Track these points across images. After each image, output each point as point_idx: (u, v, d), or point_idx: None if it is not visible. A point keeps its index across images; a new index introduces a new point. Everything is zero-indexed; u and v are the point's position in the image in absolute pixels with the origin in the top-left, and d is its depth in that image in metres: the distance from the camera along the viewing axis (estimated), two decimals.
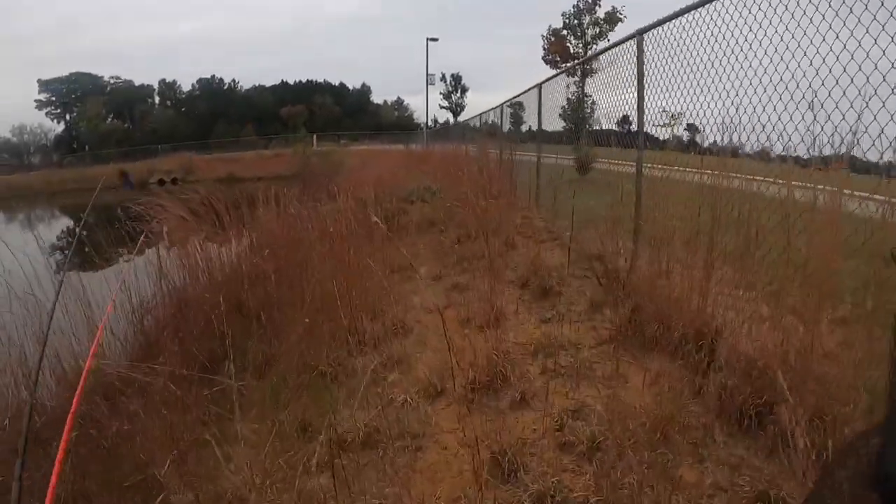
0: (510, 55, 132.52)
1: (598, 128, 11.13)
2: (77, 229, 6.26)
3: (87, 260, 7.92)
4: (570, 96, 14.87)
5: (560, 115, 14.03)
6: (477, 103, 70.91)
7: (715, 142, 5.58)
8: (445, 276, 8.74)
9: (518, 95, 15.84)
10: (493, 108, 18.65)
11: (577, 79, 19.78)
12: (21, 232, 27.03)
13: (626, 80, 7.48)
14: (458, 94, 78.61)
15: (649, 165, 6.90)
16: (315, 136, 65.35)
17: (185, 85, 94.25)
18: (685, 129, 6.69)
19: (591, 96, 12.86)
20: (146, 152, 61.96)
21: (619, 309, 5.72)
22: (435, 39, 53.22)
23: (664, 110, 6.51)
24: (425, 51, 52.32)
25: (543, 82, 13.23)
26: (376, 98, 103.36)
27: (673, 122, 6.55)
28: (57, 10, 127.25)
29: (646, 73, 6.79)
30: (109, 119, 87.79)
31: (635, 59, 6.88)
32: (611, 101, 8.49)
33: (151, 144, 67.78)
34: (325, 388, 5.26)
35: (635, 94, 6.96)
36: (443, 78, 76.11)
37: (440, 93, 76.20)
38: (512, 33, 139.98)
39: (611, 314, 5.86)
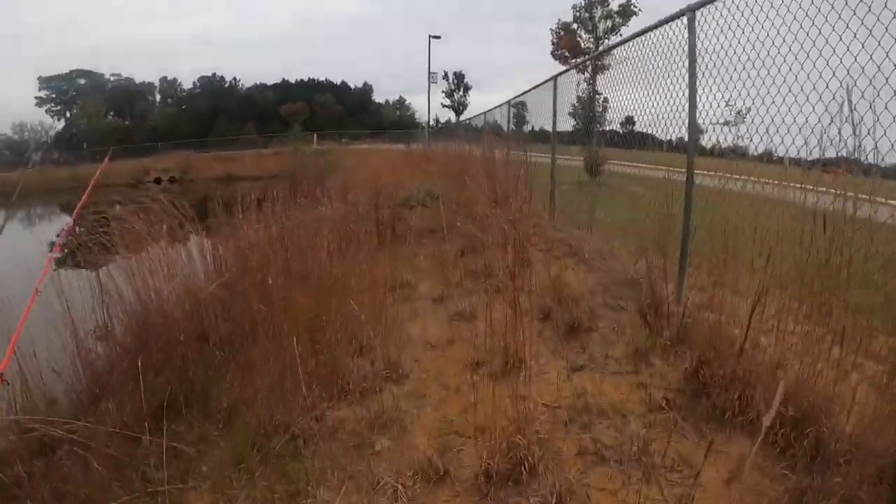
0: (514, 56, 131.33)
1: (610, 127, 10.38)
2: None
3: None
4: (580, 94, 13.77)
5: (570, 112, 13.09)
6: (479, 103, 69.94)
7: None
8: (449, 298, 7.50)
9: (529, 90, 14.53)
10: (499, 106, 17.29)
11: (587, 75, 18.61)
12: None
13: (665, 68, 6.30)
14: (461, 93, 76.95)
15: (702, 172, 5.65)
16: (315, 135, 64.25)
17: (187, 83, 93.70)
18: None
19: (601, 94, 11.92)
20: (145, 150, 60.65)
21: (672, 359, 4.47)
22: (437, 37, 51.68)
23: (727, 104, 5.18)
24: (427, 49, 50.92)
25: (559, 75, 11.91)
26: (378, 97, 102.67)
27: (738, 120, 5.21)
28: (58, 7, 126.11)
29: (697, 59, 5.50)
30: (110, 116, 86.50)
31: (685, 40, 5.57)
32: (635, 96, 7.50)
33: (151, 142, 66.75)
34: (296, 457, 4.10)
35: (684, 85, 5.63)
36: (445, 76, 74.60)
37: (442, 91, 74.66)
38: (515, 33, 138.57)
39: (661, 366, 4.60)
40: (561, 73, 12.29)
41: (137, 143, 68.69)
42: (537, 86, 13.68)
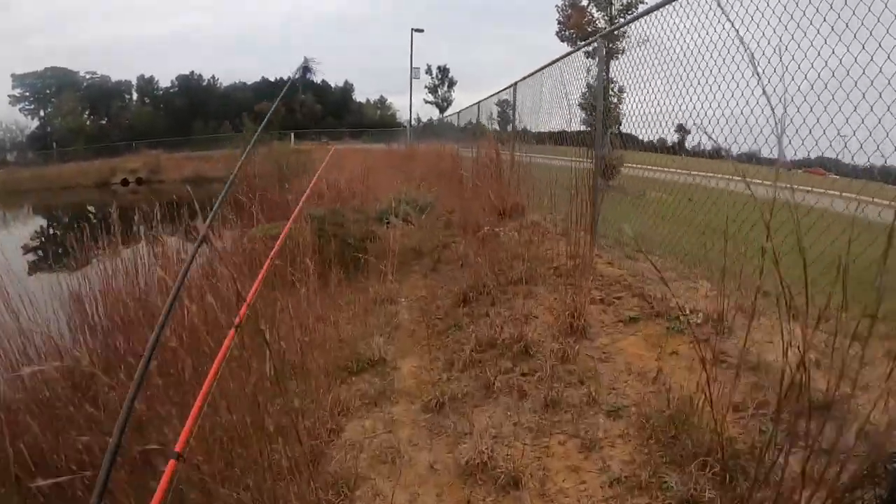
0: (501, 56, 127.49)
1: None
2: None
3: None
4: (591, 80, 10.60)
5: (580, 104, 10.62)
6: (464, 103, 66.22)
7: None
8: (453, 404, 4.26)
9: (531, 75, 11.14)
10: (498, 93, 13.86)
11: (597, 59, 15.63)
12: None
13: None
14: (446, 88, 73.21)
15: None
16: (293, 134, 60.67)
17: (165, 82, 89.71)
18: None
19: (615, 82, 9.79)
20: (119, 150, 57.42)
21: None
22: (420, 31, 48.27)
23: None
24: (410, 44, 47.45)
25: (568, 54, 9.56)
26: (359, 97, 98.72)
27: None
28: (36, 5, 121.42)
29: None
30: (86, 115, 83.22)
31: None
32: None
33: (127, 141, 63.10)
34: None
35: None
36: (428, 70, 70.58)
37: (425, 86, 70.77)
38: (499, 33, 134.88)
39: None
40: (570, 53, 9.68)
41: (113, 142, 65.63)
42: (542, 68, 10.35)
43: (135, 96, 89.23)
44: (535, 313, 5.58)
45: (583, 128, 10.33)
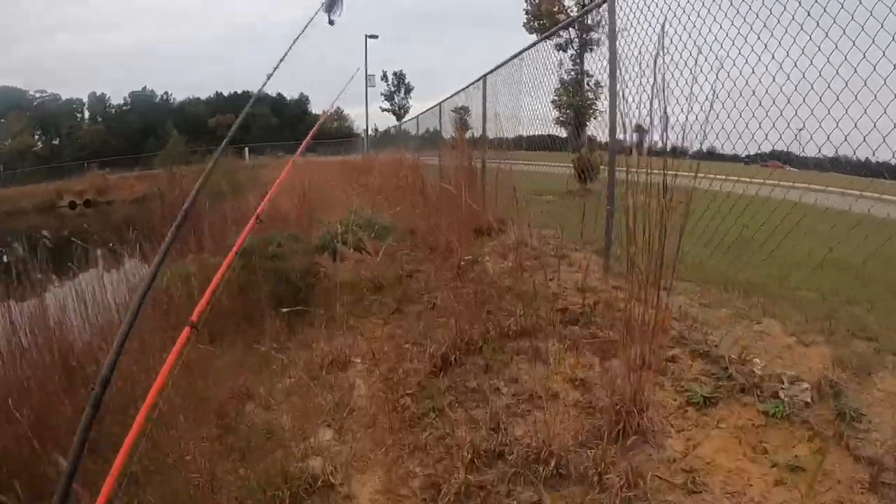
0: (458, 64, 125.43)
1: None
2: None
3: None
4: (563, 76, 9.23)
5: (554, 101, 9.67)
6: (421, 110, 63.77)
7: None
8: None
9: (500, 66, 9.38)
10: (461, 91, 11.99)
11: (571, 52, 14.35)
12: None
13: None
14: (402, 94, 70.45)
15: None
16: (247, 149, 58.33)
17: (117, 98, 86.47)
18: None
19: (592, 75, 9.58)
20: (69, 170, 54.51)
21: None
22: (374, 37, 46.30)
23: None
24: (364, 50, 45.48)
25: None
26: (315, 109, 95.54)
27: None
28: None
29: None
30: (37, 135, 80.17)
31: None
32: None
33: (78, 161, 60.45)
34: None
35: None
36: (384, 77, 68.11)
37: (381, 93, 68.10)
38: (455, 43, 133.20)
39: None
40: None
41: (64, 162, 62.94)
42: (520, 52, 8.66)
43: (87, 115, 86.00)
44: (554, 388, 3.76)
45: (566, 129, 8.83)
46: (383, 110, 69.83)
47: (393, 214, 10.49)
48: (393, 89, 69.57)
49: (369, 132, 51.97)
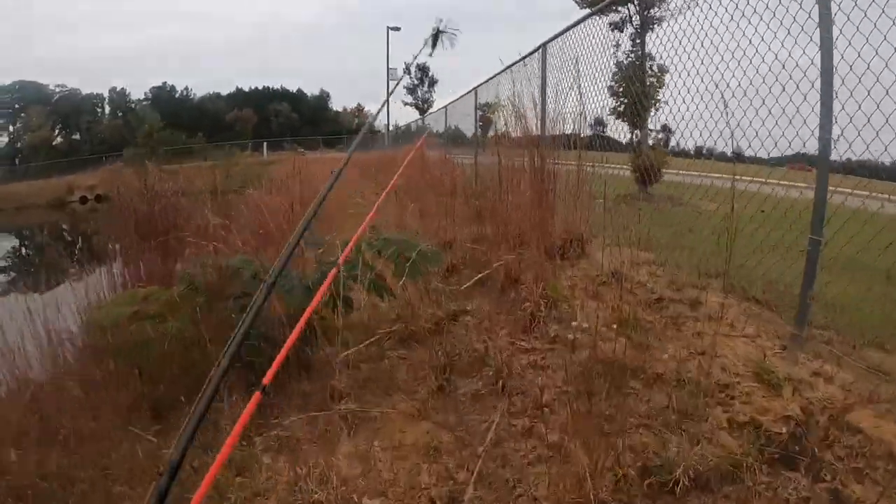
0: (477, 64, 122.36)
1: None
2: None
3: None
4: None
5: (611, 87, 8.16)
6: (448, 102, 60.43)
7: None
8: None
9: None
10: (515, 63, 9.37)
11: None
12: None
13: None
14: (426, 88, 67.00)
15: None
16: (265, 144, 56.29)
17: (138, 94, 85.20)
18: None
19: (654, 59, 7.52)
20: (83, 165, 52.48)
21: None
22: (397, 29, 43.82)
23: None
24: (386, 43, 43.05)
25: None
26: (336, 105, 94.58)
27: None
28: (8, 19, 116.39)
29: None
30: (57, 130, 79.08)
31: None
32: None
33: (97, 155, 58.89)
34: None
35: None
36: (406, 70, 64.98)
37: (404, 87, 64.66)
38: (477, 40, 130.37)
39: None
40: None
41: (82, 157, 61.55)
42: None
43: (107, 109, 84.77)
44: None
45: None
46: (405, 104, 66.76)
47: (421, 223, 8.32)
48: (416, 82, 66.61)
49: (390, 126, 49.38)
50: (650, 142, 9.51)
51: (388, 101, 45.53)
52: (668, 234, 5.67)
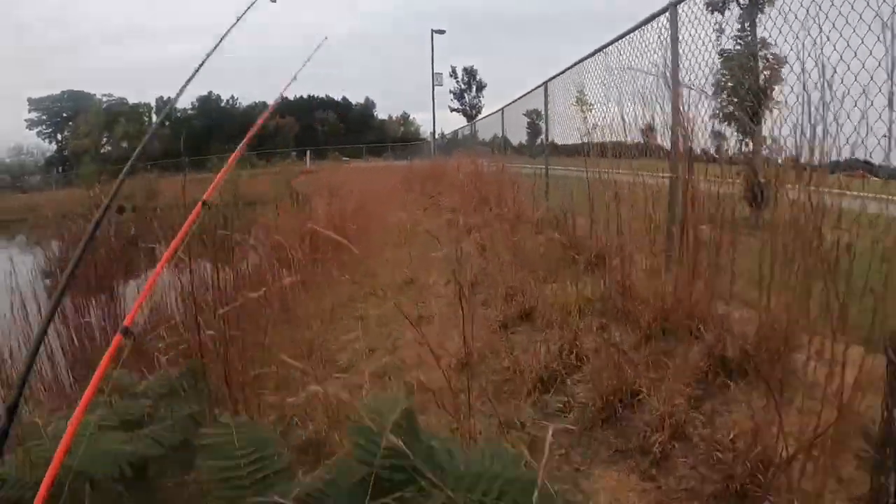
0: (519, 75, 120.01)
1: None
2: None
3: None
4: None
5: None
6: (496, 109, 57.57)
7: None
8: None
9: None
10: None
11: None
12: None
13: None
14: (474, 93, 62.71)
15: None
16: (308, 152, 54.61)
17: (184, 103, 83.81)
18: None
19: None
20: (130, 172, 50.81)
21: None
22: (441, 32, 41.52)
23: None
24: (430, 46, 40.81)
25: None
26: (381, 114, 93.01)
27: None
28: (58, 29, 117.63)
29: None
30: (105, 139, 78.84)
31: None
32: None
33: (143, 163, 58.09)
34: None
35: None
36: (453, 73, 61.70)
37: (450, 90, 61.34)
38: (519, 50, 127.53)
39: None
40: None
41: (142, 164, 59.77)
42: None
43: (154, 118, 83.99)
44: None
45: None
46: (452, 110, 63.70)
47: (484, 263, 6.11)
48: (463, 87, 63.52)
49: (436, 134, 46.96)
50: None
51: (433, 107, 43.44)
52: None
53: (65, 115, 78.60)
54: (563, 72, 7.96)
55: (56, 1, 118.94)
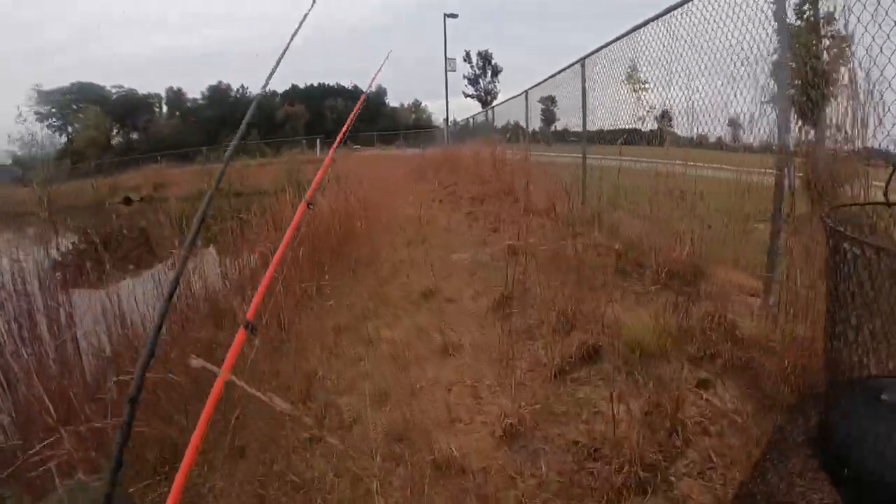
0: (531, 64, 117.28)
1: None
2: None
3: None
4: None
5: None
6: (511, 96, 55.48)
7: None
8: None
9: None
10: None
11: None
12: None
13: None
14: (489, 78, 61.81)
15: None
16: (318, 141, 53.39)
17: (194, 93, 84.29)
18: None
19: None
20: (140, 163, 51.51)
21: None
22: (454, 16, 40.09)
23: None
24: (443, 30, 39.35)
25: None
26: (392, 101, 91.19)
27: None
28: (67, 21, 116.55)
29: None
30: (115, 130, 78.20)
31: None
32: None
33: (151, 153, 59.15)
34: None
35: None
36: (467, 58, 60.38)
37: (464, 76, 60.49)
38: (528, 37, 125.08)
39: None
40: None
41: (140, 154, 60.97)
42: None
43: (164, 109, 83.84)
44: None
45: None
46: (467, 96, 61.87)
47: (511, 264, 5.01)
48: (478, 71, 62.21)
49: (448, 121, 45.50)
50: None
51: (446, 93, 42.10)
52: None
53: (74, 107, 76.97)
54: (607, 45, 6.74)
55: None
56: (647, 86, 5.76)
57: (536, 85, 10.42)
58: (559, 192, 8.05)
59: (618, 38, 6.36)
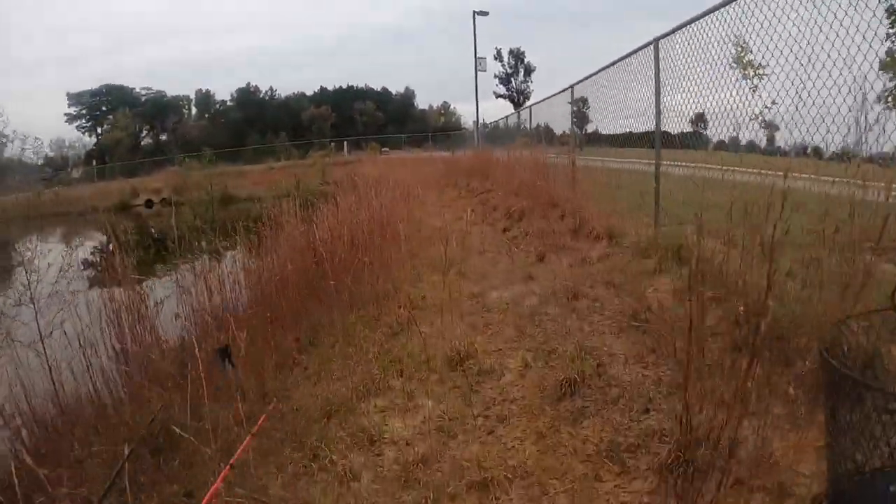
0: (558, 65, 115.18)
1: None
2: None
3: None
4: None
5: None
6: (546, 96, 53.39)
7: None
8: None
9: None
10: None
11: None
12: None
13: None
14: (521, 77, 59.50)
15: None
16: (346, 143, 52.17)
17: (223, 95, 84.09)
18: None
19: None
20: (165, 165, 51.00)
21: None
22: (485, 14, 38.26)
23: None
24: (472, 27, 37.50)
25: None
26: (422, 104, 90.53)
27: None
28: (93, 25, 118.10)
29: None
30: (145, 131, 78.86)
31: None
32: None
33: (178, 155, 58.02)
34: None
35: None
36: (498, 56, 58.07)
37: (495, 75, 58.11)
38: (555, 39, 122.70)
39: None
40: None
41: (168, 156, 60.36)
42: None
43: (193, 111, 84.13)
44: None
45: None
46: (498, 96, 59.61)
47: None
48: (509, 70, 60.09)
49: (479, 123, 43.80)
50: None
51: (476, 93, 40.49)
52: None
53: (104, 108, 77.65)
54: (695, 19, 5.05)
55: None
56: (764, 71, 4.11)
57: (586, 78, 8.73)
58: (619, 208, 6.46)
59: (712, 9, 4.68)
